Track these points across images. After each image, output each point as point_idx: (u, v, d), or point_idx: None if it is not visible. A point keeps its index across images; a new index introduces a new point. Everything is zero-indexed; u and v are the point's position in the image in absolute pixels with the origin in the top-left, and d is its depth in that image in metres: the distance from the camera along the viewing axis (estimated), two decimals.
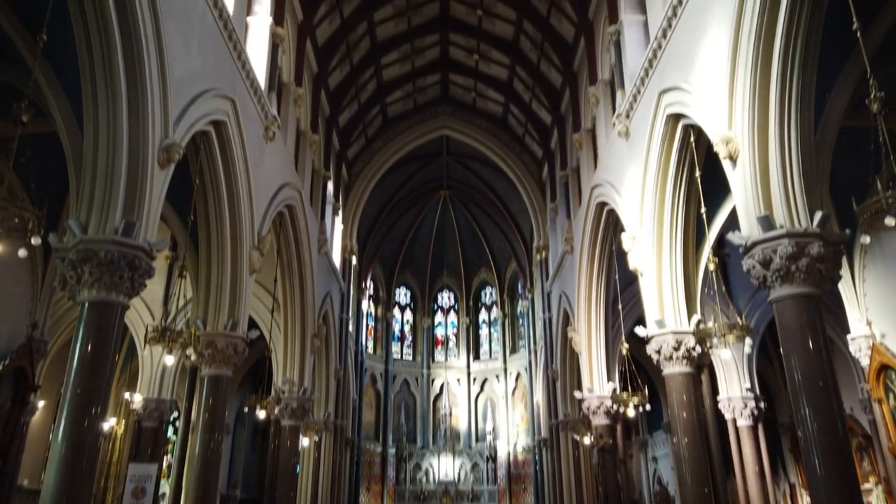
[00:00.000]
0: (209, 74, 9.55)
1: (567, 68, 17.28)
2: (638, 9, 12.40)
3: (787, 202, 7.21)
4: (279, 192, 13.49)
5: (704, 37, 8.67)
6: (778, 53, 7.11)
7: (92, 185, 7.49)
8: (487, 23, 19.19)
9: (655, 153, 10.49)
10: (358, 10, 17.55)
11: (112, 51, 7.26)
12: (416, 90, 22.73)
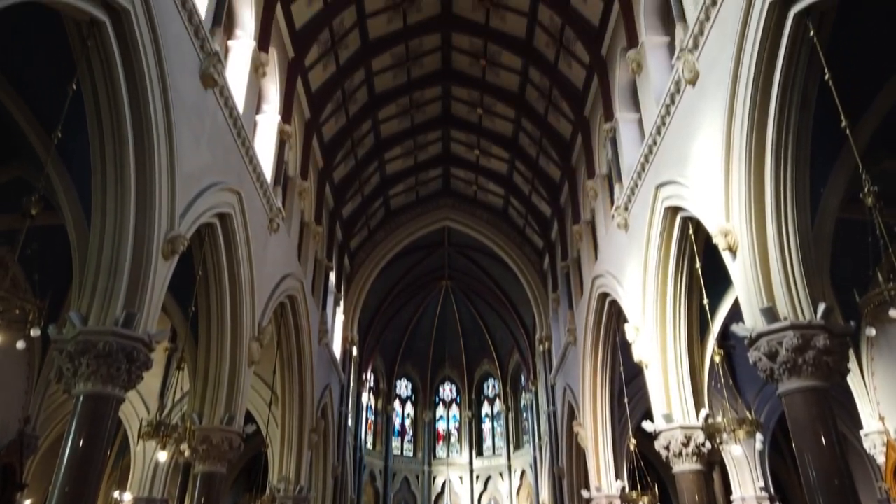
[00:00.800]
0: (217, 169, 9.80)
1: (565, 163, 17.76)
2: (632, 107, 12.88)
3: (789, 294, 7.20)
4: (281, 282, 13.53)
5: (697, 133, 8.95)
6: (770, 149, 7.31)
7: (95, 275, 7.53)
8: (487, 120, 19.93)
9: (655, 245, 10.59)
10: (363, 109, 18.28)
11: (124, 146, 7.49)
12: (418, 183, 23.28)
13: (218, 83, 9.48)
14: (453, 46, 18.04)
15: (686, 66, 8.96)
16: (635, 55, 11.51)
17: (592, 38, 14.05)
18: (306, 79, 15.29)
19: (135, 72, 7.39)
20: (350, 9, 15.18)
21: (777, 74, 7.10)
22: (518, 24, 16.17)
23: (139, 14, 7.28)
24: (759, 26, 7.04)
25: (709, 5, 8.33)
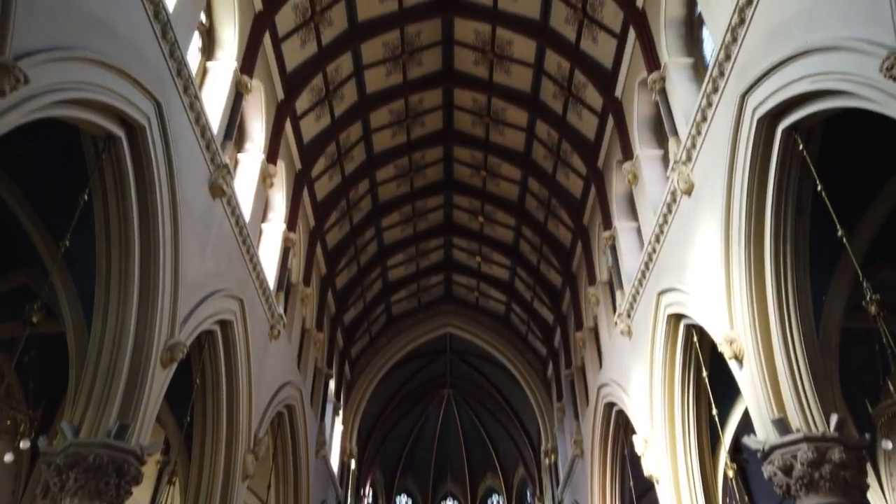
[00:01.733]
0: (221, 276, 9.88)
1: (566, 269, 17.91)
2: (630, 216, 13.15)
3: (799, 404, 7.03)
4: (280, 391, 13.26)
5: (696, 241, 9.07)
6: (769, 257, 7.39)
7: (91, 383, 7.41)
8: (489, 228, 20.32)
9: (660, 353, 10.46)
10: (367, 217, 18.70)
11: (130, 254, 7.60)
12: (420, 290, 23.37)
13: (226, 193, 9.74)
14: (455, 158, 18.70)
15: (681, 177, 9.23)
16: (631, 167, 11.88)
17: (589, 151, 14.56)
18: (312, 189, 15.73)
19: (146, 184, 7.62)
20: (356, 124, 15.87)
21: (770, 185, 7.29)
22: (517, 138, 16.84)
23: (154, 130, 7.60)
24: (749, 141, 7.31)
25: (699, 121, 8.70)
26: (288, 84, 13.06)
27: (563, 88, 14.43)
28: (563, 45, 13.59)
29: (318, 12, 12.99)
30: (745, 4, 7.40)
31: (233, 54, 10.49)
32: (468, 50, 15.45)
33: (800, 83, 6.34)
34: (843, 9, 5.72)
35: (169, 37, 7.91)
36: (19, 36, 5.22)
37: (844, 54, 5.67)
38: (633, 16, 11.28)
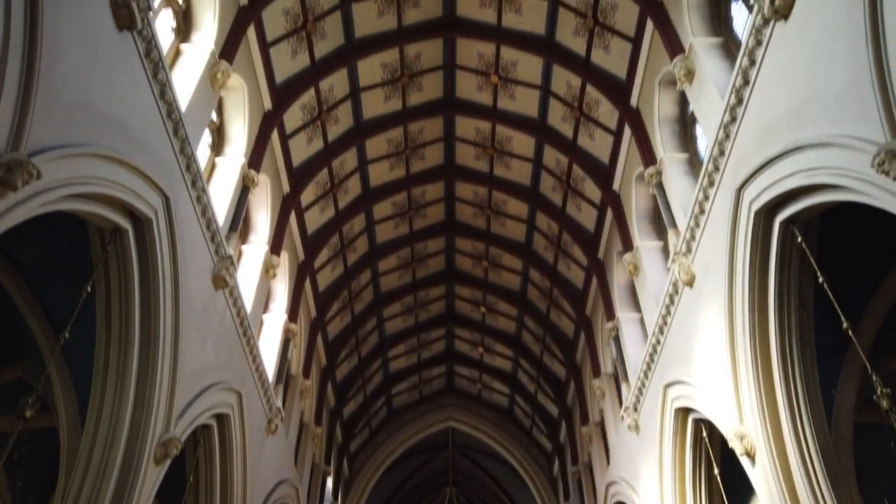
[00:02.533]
0: (220, 368, 9.74)
1: (570, 360, 17.66)
2: (633, 307, 13.11)
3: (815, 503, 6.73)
4: (275, 489, 12.78)
5: (700, 333, 8.99)
6: (775, 350, 7.30)
7: (82, 479, 7.14)
8: (491, 318, 20.22)
9: (669, 449, 10.14)
10: (369, 307, 18.67)
11: (129, 347, 7.52)
12: (421, 381, 22.98)
13: (229, 284, 9.77)
14: (456, 249, 18.89)
15: (681, 268, 9.27)
16: (631, 258, 11.96)
17: (589, 243, 14.72)
18: (314, 279, 15.79)
19: (150, 276, 7.66)
20: (359, 215, 16.15)
21: (771, 277, 7.31)
22: (518, 230, 17.07)
23: (161, 223, 7.72)
24: (748, 233, 7.39)
25: (697, 214, 8.84)
26: (294, 178, 13.39)
27: (562, 182, 14.77)
28: (561, 142, 14.04)
29: (326, 111, 13.51)
30: (735, 104, 7.69)
31: (241, 150, 10.82)
32: (469, 145, 15.94)
33: (794, 178, 6.49)
34: (831, 107, 5.93)
35: (180, 134, 8.19)
36: (36, 133, 5.40)
37: (836, 150, 5.83)
38: (627, 114, 11.71)
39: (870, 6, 5.24)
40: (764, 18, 6.91)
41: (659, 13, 10.27)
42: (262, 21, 11.10)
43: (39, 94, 5.41)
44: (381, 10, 12.95)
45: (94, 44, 6.34)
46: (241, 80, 10.61)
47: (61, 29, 5.77)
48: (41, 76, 5.42)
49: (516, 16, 12.98)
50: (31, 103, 5.29)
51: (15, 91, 5.17)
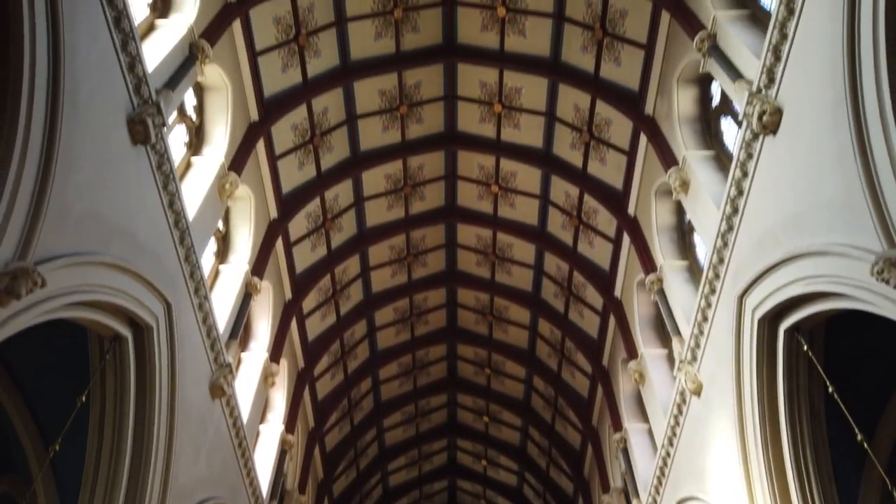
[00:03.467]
0: (213, 482, 9.36)
1: (577, 474, 16.95)
2: (640, 417, 12.74)
3: None
4: None
5: (711, 445, 8.69)
6: (790, 464, 7.02)
7: None
8: (494, 429, 19.63)
9: None
10: (368, 417, 18.19)
11: (121, 459, 7.26)
12: (422, 497, 21.99)
13: (226, 393, 9.58)
14: (458, 356, 18.65)
15: (688, 377, 9.10)
16: (636, 366, 11.77)
17: (593, 350, 14.55)
18: (314, 387, 15.49)
19: (147, 386, 7.53)
20: (361, 322, 16.09)
21: (780, 388, 7.16)
22: (520, 336, 16.93)
23: (161, 330, 7.69)
24: (753, 342, 7.32)
25: (700, 321, 8.79)
26: (296, 285, 13.47)
27: (564, 288, 14.83)
28: (562, 249, 14.22)
29: (330, 219, 13.81)
30: (731, 213, 7.85)
31: (245, 258, 10.96)
32: (471, 252, 16.14)
33: (795, 286, 6.50)
34: (825, 217, 6.05)
35: (186, 242, 8.32)
36: (44, 241, 5.49)
37: (834, 259, 5.88)
38: (626, 222, 11.93)
39: (854, 123, 5.46)
40: (753, 133, 7.19)
41: (651, 128, 10.72)
42: (272, 135, 11.59)
43: (52, 205, 5.55)
44: (386, 125, 13.55)
45: (108, 157, 6.58)
46: (248, 190, 10.92)
47: (78, 142, 6.01)
48: (55, 187, 5.58)
49: (515, 130, 13.56)
50: (42, 213, 5.42)
51: (28, 201, 5.31)
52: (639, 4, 10.48)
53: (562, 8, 11.58)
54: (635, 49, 10.87)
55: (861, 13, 5.36)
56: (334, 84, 12.24)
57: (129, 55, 6.87)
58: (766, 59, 6.91)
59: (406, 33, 12.52)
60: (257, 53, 10.74)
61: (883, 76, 5.15)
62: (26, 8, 5.22)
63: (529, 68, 12.47)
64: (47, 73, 5.51)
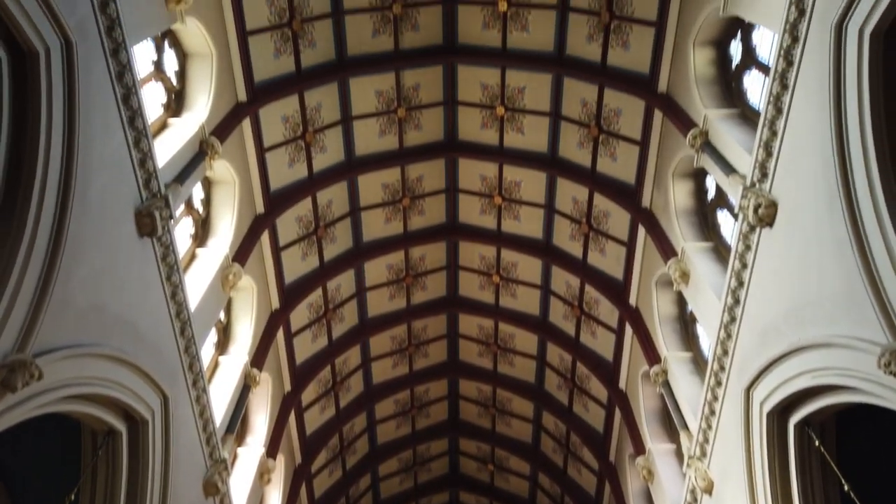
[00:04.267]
0: None
1: None
2: None
3: None
4: None
5: None
6: None
7: None
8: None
9: None
10: None
11: None
12: None
13: (220, 491, 9.24)
14: (461, 451, 18.08)
15: (698, 473, 8.80)
16: (644, 462, 11.39)
17: (599, 445, 14.12)
18: (311, 485, 14.94)
19: (139, 483, 7.29)
20: (361, 415, 15.73)
21: (794, 484, 6.91)
22: (524, 430, 16.46)
23: (157, 424, 7.52)
24: (763, 437, 7.13)
25: (708, 415, 8.59)
26: (296, 376, 13.28)
27: (567, 380, 14.60)
28: (564, 339, 14.10)
29: (332, 309, 13.80)
30: (732, 304, 7.85)
31: (245, 349, 10.86)
32: (472, 342, 16.00)
33: (801, 378, 6.41)
34: (827, 308, 6.04)
35: (186, 333, 8.28)
36: (44, 333, 5.47)
37: (839, 351, 5.82)
38: (627, 313, 11.90)
39: (849, 216, 5.56)
40: (750, 226, 7.31)
41: (649, 220, 10.90)
42: (276, 227, 11.78)
43: (55, 297, 5.58)
44: (389, 217, 13.80)
45: (114, 249, 6.67)
46: (251, 280, 10.98)
47: (85, 235, 6.11)
48: (59, 279, 5.63)
49: (515, 221, 13.78)
50: (44, 305, 5.44)
51: (31, 294, 5.34)
52: (632, 103, 10.92)
53: (558, 107, 12.08)
54: (630, 145, 11.24)
55: (847, 112, 5.59)
56: (339, 178, 12.58)
57: (141, 151, 7.11)
58: (758, 154, 7.13)
59: (409, 130, 13.00)
60: (265, 149, 11.11)
61: (874, 171, 5.30)
62: (44, 107, 5.46)
63: (528, 162, 12.86)
64: (60, 170, 5.68)
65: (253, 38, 10.24)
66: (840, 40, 5.64)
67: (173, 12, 7.98)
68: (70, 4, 5.81)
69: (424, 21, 12.02)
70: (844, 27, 5.57)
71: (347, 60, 11.69)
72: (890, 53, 5.36)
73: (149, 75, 8.49)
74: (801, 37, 6.31)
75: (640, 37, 10.45)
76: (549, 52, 11.67)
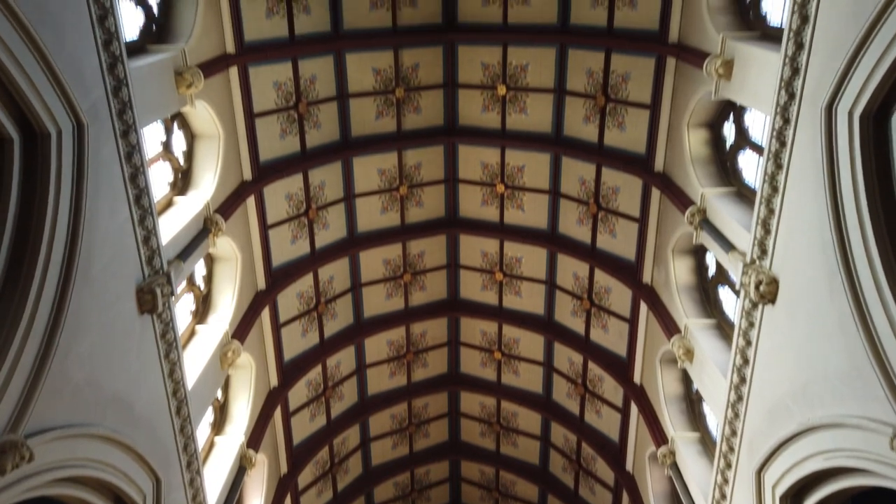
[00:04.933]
0: None
1: None
2: None
3: None
4: None
5: None
6: None
7: None
8: None
9: None
10: None
11: None
12: None
13: None
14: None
15: None
16: None
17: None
18: None
19: None
20: (359, 500, 15.19)
21: None
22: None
23: None
24: None
25: (719, 499, 8.27)
26: (293, 458, 12.91)
27: (573, 462, 14.17)
28: (568, 419, 13.80)
29: (331, 387, 13.57)
30: (738, 383, 7.71)
31: (242, 429, 10.61)
32: (474, 422, 15.64)
33: (813, 460, 6.22)
34: (835, 387, 5.92)
35: (182, 412, 8.12)
36: (38, 412, 5.34)
37: (850, 431, 5.67)
38: (632, 391, 11.69)
39: (851, 292, 5.55)
40: (752, 302, 7.28)
41: (651, 296, 10.89)
42: (277, 303, 11.76)
43: (51, 375, 5.49)
44: (390, 293, 13.81)
45: (113, 326, 6.62)
46: (250, 358, 10.85)
47: (85, 313, 6.08)
48: (56, 357, 5.56)
49: (516, 297, 13.77)
50: (40, 384, 5.35)
51: (28, 373, 5.26)
52: (630, 182, 11.13)
53: (557, 184, 12.30)
54: (629, 222, 11.37)
55: (843, 191, 5.67)
56: (341, 254, 12.66)
57: (145, 229, 7.18)
58: (756, 232, 7.19)
59: (410, 207, 13.18)
60: (268, 226, 11.24)
61: (872, 249, 5.32)
62: (52, 186, 5.54)
63: (529, 239, 12.97)
64: (64, 249, 5.71)
65: (260, 120, 10.57)
66: (831, 122, 5.79)
67: (184, 96, 8.25)
68: (84, 88, 6.02)
69: (426, 102, 12.43)
70: (834, 110, 5.73)
71: (352, 141, 12.03)
72: (880, 135, 5.49)
73: (157, 155, 8.70)
74: (792, 119, 6.49)
75: (636, 118, 10.77)
76: (547, 132, 12.02)
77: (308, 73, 11.07)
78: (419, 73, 12.12)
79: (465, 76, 12.16)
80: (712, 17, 8.60)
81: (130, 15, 8.05)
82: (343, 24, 11.03)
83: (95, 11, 6.15)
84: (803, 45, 6.25)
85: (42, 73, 5.37)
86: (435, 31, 11.74)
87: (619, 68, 10.73)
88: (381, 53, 11.64)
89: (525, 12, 11.24)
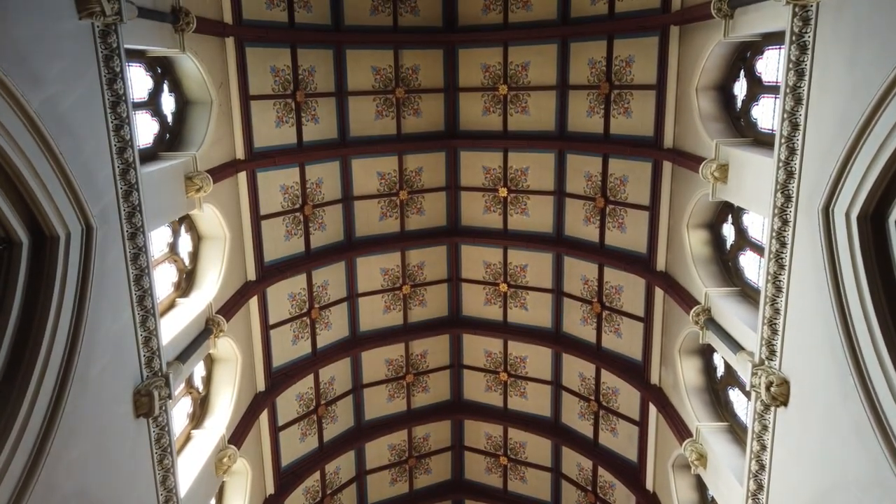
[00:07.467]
0: None
1: None
2: None
3: None
4: None
5: None
6: None
7: None
8: None
9: None
10: None
11: None
12: None
13: None
14: None
15: None
16: None
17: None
18: None
19: None
20: None
21: None
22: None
23: None
24: None
25: None
26: None
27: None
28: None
29: (329, 495, 13.01)
30: (755, 490, 7.37)
31: None
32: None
33: None
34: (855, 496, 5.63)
35: None
36: None
37: None
38: (645, 499, 11.15)
39: (864, 396, 5.39)
40: (764, 404, 7.08)
41: (659, 398, 10.62)
42: (276, 406, 11.49)
43: (39, 485, 5.26)
44: (392, 394, 13.52)
45: (108, 431, 6.43)
46: (246, 464, 10.47)
47: (80, 418, 5.91)
48: (46, 466, 5.36)
49: (522, 399, 13.45)
50: (28, 493, 5.10)
51: (14, 483, 5.03)
52: (632, 281, 11.15)
53: (560, 283, 12.33)
54: (634, 321, 11.28)
55: (847, 291, 5.64)
56: (342, 354, 12.50)
57: (146, 330, 7.12)
58: (763, 332, 7.10)
59: (413, 307, 13.16)
60: (270, 326, 11.17)
61: (882, 350, 5.22)
62: (57, 288, 5.55)
63: (533, 338, 12.83)
64: (63, 352, 5.63)
65: (266, 222, 10.76)
66: (829, 224, 5.85)
67: (192, 199, 8.44)
68: (96, 193, 6.16)
69: (429, 205, 12.69)
70: (831, 211, 5.81)
71: (355, 241, 12.19)
72: (879, 235, 5.52)
73: (162, 256, 8.79)
74: (790, 220, 6.57)
75: (635, 220, 10.94)
76: (548, 232, 12.19)
77: (314, 177, 11.39)
78: (422, 177, 12.50)
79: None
80: (705, 125, 8.92)
81: (146, 124, 8.40)
82: (349, 131, 11.51)
83: (112, 121, 6.41)
84: (796, 150, 6.42)
85: (56, 178, 5.51)
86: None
87: (618, 171, 11.03)
88: (386, 158, 12.05)
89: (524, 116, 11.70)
